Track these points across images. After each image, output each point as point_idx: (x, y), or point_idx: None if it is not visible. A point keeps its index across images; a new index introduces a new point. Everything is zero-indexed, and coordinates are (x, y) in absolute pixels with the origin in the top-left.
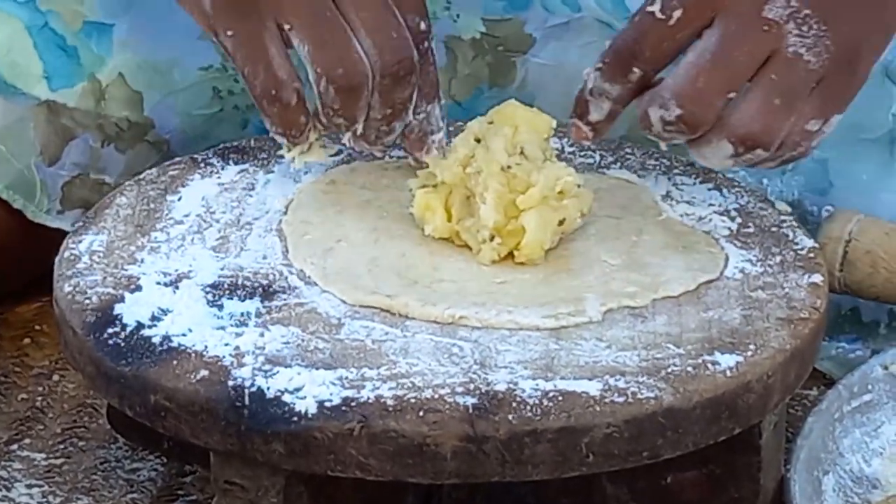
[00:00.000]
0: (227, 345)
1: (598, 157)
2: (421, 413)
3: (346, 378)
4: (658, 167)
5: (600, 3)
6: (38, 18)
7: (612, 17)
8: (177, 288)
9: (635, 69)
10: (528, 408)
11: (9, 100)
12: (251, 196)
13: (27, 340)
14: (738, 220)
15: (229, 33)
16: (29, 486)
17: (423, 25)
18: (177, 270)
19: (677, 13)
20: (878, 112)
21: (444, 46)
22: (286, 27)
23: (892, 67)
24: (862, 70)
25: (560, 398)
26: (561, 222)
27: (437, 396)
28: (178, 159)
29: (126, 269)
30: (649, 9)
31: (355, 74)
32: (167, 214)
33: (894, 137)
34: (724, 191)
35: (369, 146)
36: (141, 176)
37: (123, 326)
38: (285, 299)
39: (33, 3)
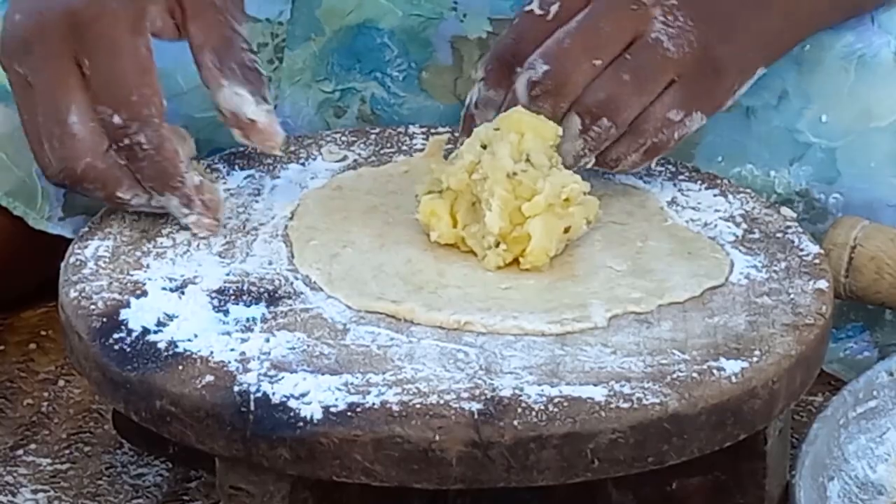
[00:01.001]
0: (232, 350)
1: None
2: (426, 418)
3: (352, 383)
4: (663, 173)
5: None
6: None
7: None
8: (182, 293)
9: (517, 69)
10: (534, 413)
11: (10, 107)
12: (257, 202)
13: (33, 346)
14: (744, 225)
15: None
16: (34, 492)
17: (116, 119)
18: (182, 276)
19: (554, 7)
20: (886, 100)
21: (450, 46)
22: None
23: None
24: (728, 79)
25: (565, 404)
26: (567, 230)
27: (442, 402)
28: None
29: (132, 275)
30: (527, 9)
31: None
32: (173, 220)
33: None
34: (730, 197)
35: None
36: None
37: (129, 332)
38: (291, 305)
39: None
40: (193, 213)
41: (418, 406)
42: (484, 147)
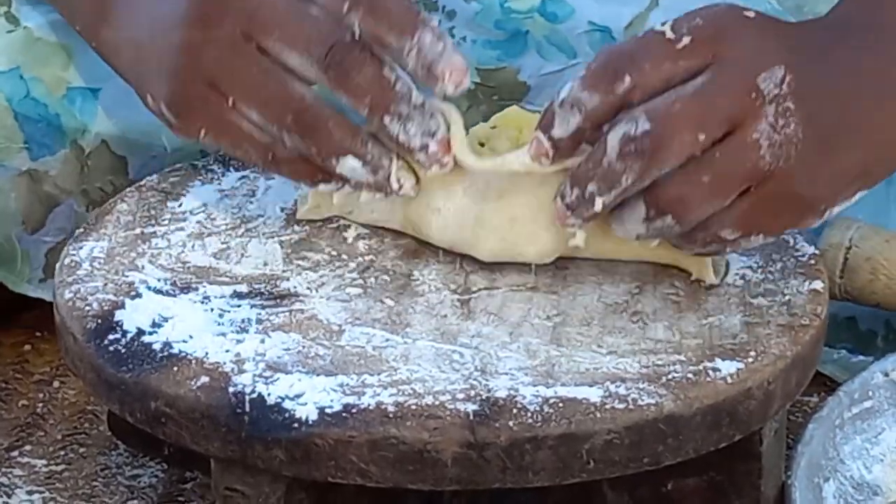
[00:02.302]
0: (227, 351)
1: None
2: (422, 419)
3: (347, 384)
4: None
5: (596, 49)
6: (20, 88)
7: None
8: (177, 295)
9: (626, 77)
10: (529, 414)
11: None
12: (252, 202)
13: (28, 347)
14: None
15: (202, 132)
16: (30, 493)
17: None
18: (177, 277)
19: (686, 39)
20: None
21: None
22: (232, 103)
23: None
24: (814, 207)
25: (561, 405)
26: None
27: (437, 403)
28: (178, 166)
29: (127, 276)
30: (659, 29)
31: (304, 111)
32: (168, 221)
33: None
34: None
35: (397, 179)
36: (141, 182)
37: (124, 333)
38: (286, 306)
39: (17, 71)
40: (448, 48)
41: (413, 407)
42: (482, 145)
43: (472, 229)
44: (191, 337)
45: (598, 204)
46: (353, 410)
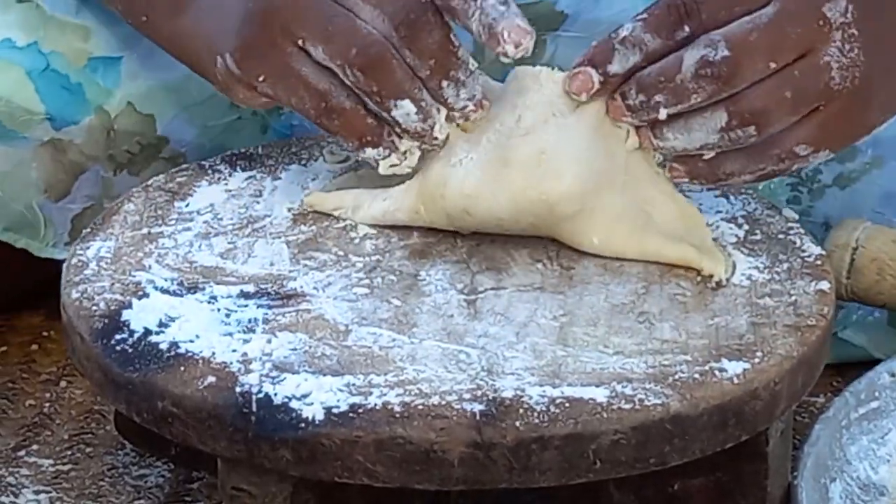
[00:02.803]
0: (234, 351)
1: None
2: (428, 419)
3: (354, 384)
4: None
5: None
6: (39, 61)
7: None
8: (184, 294)
9: (685, 27)
10: (536, 414)
11: (8, 144)
12: (258, 203)
13: (35, 347)
14: (746, 227)
15: (261, 79)
16: (36, 493)
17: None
18: (184, 277)
19: None
20: None
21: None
22: (300, 43)
23: None
24: (871, 122)
25: (567, 405)
26: None
27: (444, 403)
28: (185, 166)
29: (134, 276)
30: None
31: (369, 45)
32: (175, 221)
33: None
34: (732, 198)
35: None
36: (149, 182)
37: (131, 333)
38: (292, 306)
39: (35, 46)
40: (511, 12)
41: (420, 407)
42: None
43: (497, 172)
44: (198, 337)
45: (663, 113)
46: (360, 410)
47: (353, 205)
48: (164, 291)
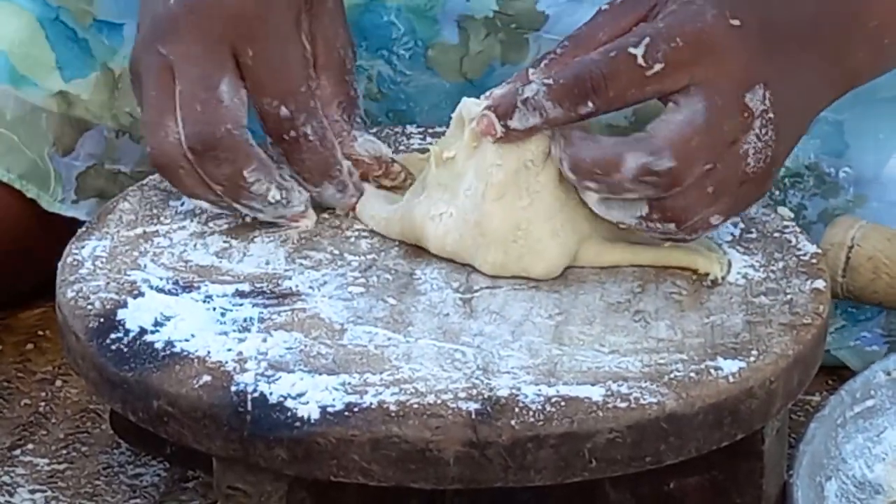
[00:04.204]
0: (229, 350)
1: None
2: (423, 418)
3: (349, 383)
4: None
5: None
6: (49, 12)
7: None
8: (179, 293)
9: (590, 104)
10: (531, 413)
11: (21, 91)
12: None
13: (30, 346)
14: (741, 225)
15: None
16: (32, 492)
17: (283, 111)
18: (180, 276)
19: (658, 66)
20: (893, 71)
21: (456, 25)
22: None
23: None
24: (768, 186)
25: (563, 403)
26: None
27: (439, 402)
28: None
29: (129, 275)
30: (631, 51)
31: (161, 154)
32: (170, 220)
33: None
34: None
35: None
36: (144, 181)
37: (126, 332)
38: (288, 305)
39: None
40: (346, 197)
41: (415, 406)
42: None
43: (475, 239)
44: (193, 336)
45: (593, 198)
46: (356, 409)
47: (364, 203)
48: (160, 290)
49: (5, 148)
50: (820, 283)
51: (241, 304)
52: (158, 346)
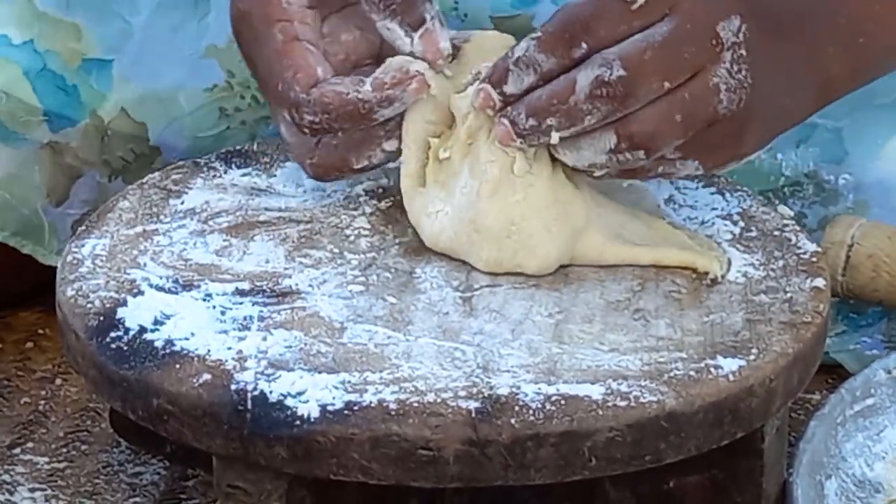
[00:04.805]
0: (229, 349)
1: None
2: (423, 417)
3: (349, 382)
4: None
5: None
6: (36, 61)
7: None
8: (179, 292)
9: (583, 44)
10: (531, 412)
11: (10, 146)
12: (254, 200)
13: (30, 344)
14: (741, 224)
15: None
16: (32, 490)
17: None
18: (179, 274)
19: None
20: (890, 77)
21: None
22: None
23: None
24: (745, 147)
25: (563, 402)
26: None
27: (439, 400)
28: (181, 163)
29: (129, 274)
30: None
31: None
32: (170, 218)
33: None
34: (727, 195)
35: None
36: (144, 180)
37: (126, 330)
38: (288, 303)
39: (31, 45)
40: (436, 33)
41: (415, 404)
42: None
43: (469, 236)
44: (193, 334)
45: (555, 137)
46: (355, 408)
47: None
48: (160, 289)
49: None
50: (820, 282)
51: (240, 303)
52: (158, 344)
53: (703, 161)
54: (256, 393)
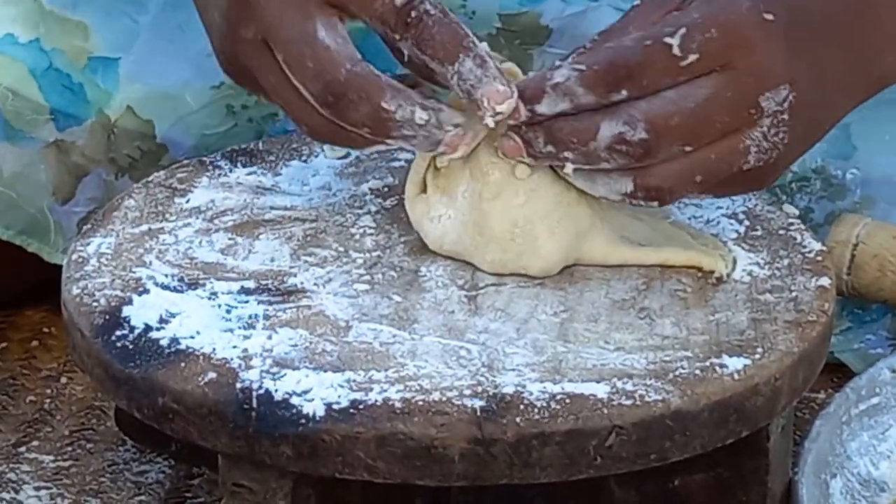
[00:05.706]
0: (234, 347)
1: None
2: (429, 416)
3: (354, 380)
4: None
5: None
6: (42, 59)
7: (629, 4)
8: (185, 290)
9: (623, 91)
10: (536, 410)
11: (16, 145)
12: (259, 198)
13: (35, 343)
14: (746, 223)
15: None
16: (37, 489)
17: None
18: (185, 273)
19: (693, 57)
20: None
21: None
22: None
23: None
24: (769, 183)
25: (568, 401)
26: None
27: (444, 399)
28: (185, 161)
29: (134, 272)
30: (667, 40)
31: (312, 126)
32: (175, 217)
33: None
34: None
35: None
36: (149, 178)
37: (131, 329)
38: (293, 302)
39: (37, 43)
40: (489, 75)
41: (421, 403)
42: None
43: (472, 239)
44: (198, 333)
45: (569, 168)
46: (361, 406)
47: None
48: (165, 287)
49: (4, 205)
50: (825, 281)
51: (246, 301)
52: (163, 342)
53: (718, 195)
54: (262, 391)
